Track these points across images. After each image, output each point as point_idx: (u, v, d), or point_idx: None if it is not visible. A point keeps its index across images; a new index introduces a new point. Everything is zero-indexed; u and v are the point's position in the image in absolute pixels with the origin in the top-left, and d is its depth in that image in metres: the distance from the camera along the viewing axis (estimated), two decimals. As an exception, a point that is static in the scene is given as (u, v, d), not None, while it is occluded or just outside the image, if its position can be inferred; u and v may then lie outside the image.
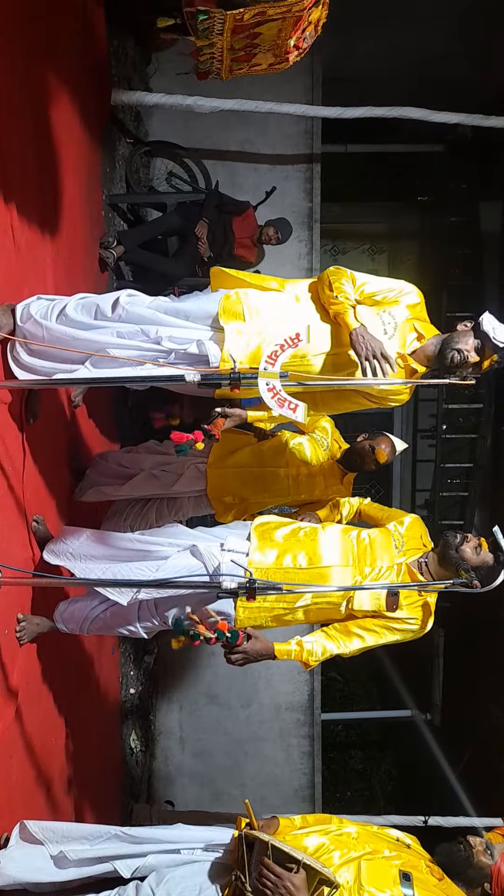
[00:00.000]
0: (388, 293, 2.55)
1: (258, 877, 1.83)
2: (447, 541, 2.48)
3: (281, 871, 1.81)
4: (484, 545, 2.46)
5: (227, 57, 2.53)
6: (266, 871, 1.82)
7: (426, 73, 6.12)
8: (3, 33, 2.56)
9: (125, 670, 4.70)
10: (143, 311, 2.53)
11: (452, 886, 2.01)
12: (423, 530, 2.70)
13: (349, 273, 2.52)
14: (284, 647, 2.44)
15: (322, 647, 2.47)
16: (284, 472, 3.27)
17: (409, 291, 2.58)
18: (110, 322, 2.54)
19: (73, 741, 3.24)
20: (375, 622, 2.48)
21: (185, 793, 5.58)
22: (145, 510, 3.35)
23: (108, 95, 4.45)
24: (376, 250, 8.07)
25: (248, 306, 2.51)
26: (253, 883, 1.86)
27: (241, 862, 1.94)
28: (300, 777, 5.76)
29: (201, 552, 2.46)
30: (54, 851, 2.25)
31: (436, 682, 7.29)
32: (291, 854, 1.82)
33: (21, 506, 2.69)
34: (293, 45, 2.34)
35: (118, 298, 2.54)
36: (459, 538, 2.47)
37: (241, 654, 2.35)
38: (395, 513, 2.92)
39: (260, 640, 2.36)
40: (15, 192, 2.62)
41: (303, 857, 1.83)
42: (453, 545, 2.45)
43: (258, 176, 5.47)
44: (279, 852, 1.83)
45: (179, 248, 4.70)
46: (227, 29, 2.32)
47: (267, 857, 1.84)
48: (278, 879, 1.80)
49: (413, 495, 7.40)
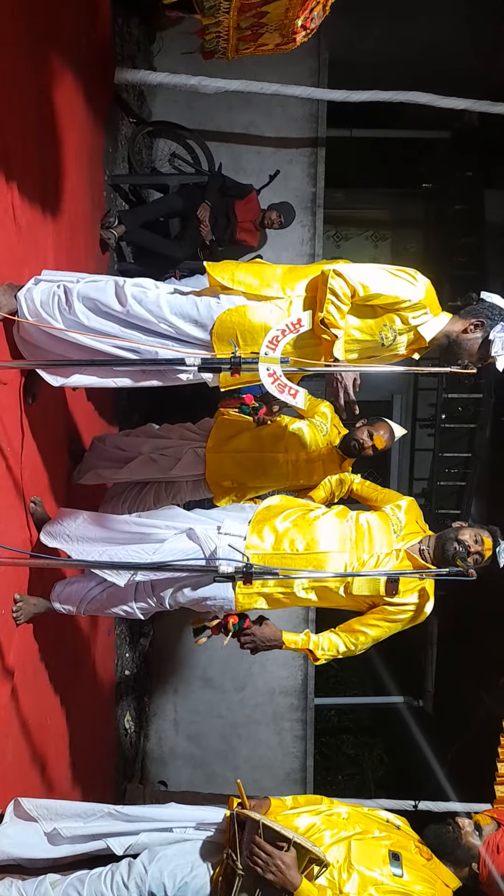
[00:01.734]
0: (394, 303, 2.42)
1: (249, 854, 1.86)
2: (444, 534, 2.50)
3: (272, 849, 1.83)
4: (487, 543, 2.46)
5: (234, 36, 2.49)
6: (257, 848, 1.84)
7: (433, 58, 6.05)
8: (7, 12, 2.52)
9: (121, 652, 4.72)
10: (147, 316, 2.46)
11: (441, 866, 2.05)
12: (418, 513, 2.70)
13: (352, 282, 2.33)
14: (292, 637, 2.46)
15: (329, 641, 2.50)
16: (283, 457, 3.28)
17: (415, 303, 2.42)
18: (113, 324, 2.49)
19: (68, 721, 3.27)
20: (376, 616, 2.50)
21: (179, 774, 5.64)
22: (143, 493, 3.36)
23: (112, 74, 4.40)
24: (379, 237, 8.02)
25: (242, 332, 2.42)
26: (244, 861, 1.89)
27: (232, 841, 1.96)
28: (292, 760, 5.81)
29: (198, 535, 2.47)
30: (48, 828, 2.27)
31: (429, 670, 7.35)
32: (282, 833, 1.85)
33: (19, 487, 2.69)
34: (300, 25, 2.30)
35: (123, 288, 2.48)
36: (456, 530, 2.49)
37: (249, 637, 2.36)
38: (390, 494, 2.92)
39: (269, 627, 2.39)
40: (16, 171, 2.60)
41: (293, 836, 1.85)
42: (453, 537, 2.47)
43: (262, 159, 5.42)
44: (270, 831, 1.86)
45: (181, 231, 4.67)
46: (234, 7, 2.28)
47: (258, 835, 1.86)
48: (269, 857, 1.83)
49: (411, 484, 7.42)
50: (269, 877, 1.83)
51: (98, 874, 2.10)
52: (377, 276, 2.40)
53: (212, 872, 2.02)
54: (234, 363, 2.19)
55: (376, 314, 2.46)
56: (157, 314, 2.46)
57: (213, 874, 2.02)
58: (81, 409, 3.64)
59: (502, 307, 2.52)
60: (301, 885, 1.83)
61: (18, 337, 2.56)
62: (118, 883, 2.06)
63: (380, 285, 2.37)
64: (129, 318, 2.48)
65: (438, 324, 2.50)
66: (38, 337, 2.53)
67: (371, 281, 2.37)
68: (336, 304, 2.32)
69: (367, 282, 2.36)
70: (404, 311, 2.44)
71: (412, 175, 7.60)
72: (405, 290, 2.41)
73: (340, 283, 2.32)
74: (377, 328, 2.46)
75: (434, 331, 2.50)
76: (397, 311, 2.44)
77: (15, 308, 2.52)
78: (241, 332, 2.42)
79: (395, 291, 2.40)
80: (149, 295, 2.49)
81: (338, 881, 1.92)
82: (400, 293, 2.40)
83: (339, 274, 2.33)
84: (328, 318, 2.32)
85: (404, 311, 2.43)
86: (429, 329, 2.49)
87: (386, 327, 2.46)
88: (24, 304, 2.50)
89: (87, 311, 2.48)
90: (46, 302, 2.49)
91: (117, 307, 2.47)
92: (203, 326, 2.47)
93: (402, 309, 2.43)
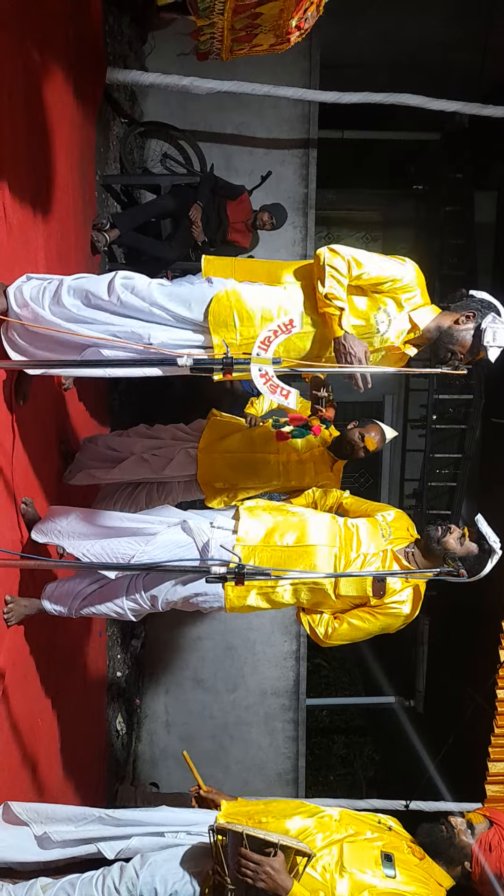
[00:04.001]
0: (385, 283, 2.46)
1: (237, 867, 1.85)
2: (429, 535, 2.50)
3: (259, 857, 1.82)
4: (467, 534, 2.48)
5: (228, 37, 2.48)
6: (244, 860, 1.83)
7: (424, 60, 6.08)
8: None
9: (112, 654, 4.71)
10: (139, 304, 2.45)
11: (434, 866, 2.05)
12: (408, 522, 2.72)
13: (346, 257, 2.40)
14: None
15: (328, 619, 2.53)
16: (275, 458, 3.28)
17: (406, 283, 2.48)
18: (105, 313, 2.47)
19: (60, 723, 3.25)
20: (363, 612, 2.51)
21: (170, 776, 5.63)
22: (135, 494, 3.35)
23: (103, 74, 4.39)
24: (371, 238, 8.04)
25: (239, 312, 2.43)
26: (232, 874, 1.88)
27: (217, 856, 1.93)
28: (284, 761, 5.82)
29: (191, 528, 2.47)
30: (38, 832, 2.26)
31: (419, 670, 7.37)
32: (266, 839, 1.83)
33: (10, 488, 2.67)
34: (294, 26, 2.30)
35: (112, 280, 2.47)
36: (441, 530, 2.49)
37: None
38: (379, 505, 2.93)
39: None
40: (6, 171, 2.58)
41: (279, 839, 1.84)
42: (435, 538, 2.48)
43: (254, 160, 5.42)
44: (254, 840, 1.84)
45: (173, 232, 4.66)
46: (229, 8, 2.27)
47: (243, 846, 1.84)
48: (258, 866, 1.82)
49: (402, 484, 7.44)
50: (261, 885, 1.81)
51: (89, 878, 2.09)
52: (368, 255, 2.46)
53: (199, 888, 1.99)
54: (225, 363, 2.19)
55: (370, 297, 2.50)
56: (150, 300, 2.45)
57: (200, 891, 1.99)
58: (72, 409, 3.62)
59: (492, 301, 2.53)
60: (293, 888, 1.83)
61: (7, 338, 2.54)
62: (109, 887, 2.05)
63: (371, 263, 2.44)
64: (121, 308, 2.46)
65: (430, 313, 2.53)
66: (24, 332, 2.50)
67: (363, 258, 2.43)
68: (336, 278, 2.38)
69: (360, 258, 2.42)
70: (397, 293, 2.48)
71: (403, 176, 7.63)
72: (396, 270, 2.47)
73: (337, 258, 2.38)
74: (372, 310, 2.49)
75: (426, 319, 2.52)
76: (389, 293, 2.48)
77: (5, 307, 2.51)
78: (238, 314, 2.43)
79: (387, 271, 2.45)
80: (139, 283, 2.49)
81: (330, 884, 1.92)
82: (391, 272, 2.46)
83: (334, 250, 2.40)
84: (331, 292, 2.37)
85: (397, 291, 2.48)
86: (422, 316, 2.51)
87: (380, 310, 2.49)
88: (12, 298, 2.49)
89: (78, 303, 2.47)
90: (36, 296, 2.48)
91: (108, 297, 2.45)
92: (197, 307, 2.46)
93: (394, 290, 2.47)
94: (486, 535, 2.41)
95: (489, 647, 4.01)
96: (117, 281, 2.47)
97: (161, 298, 2.45)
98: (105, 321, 2.46)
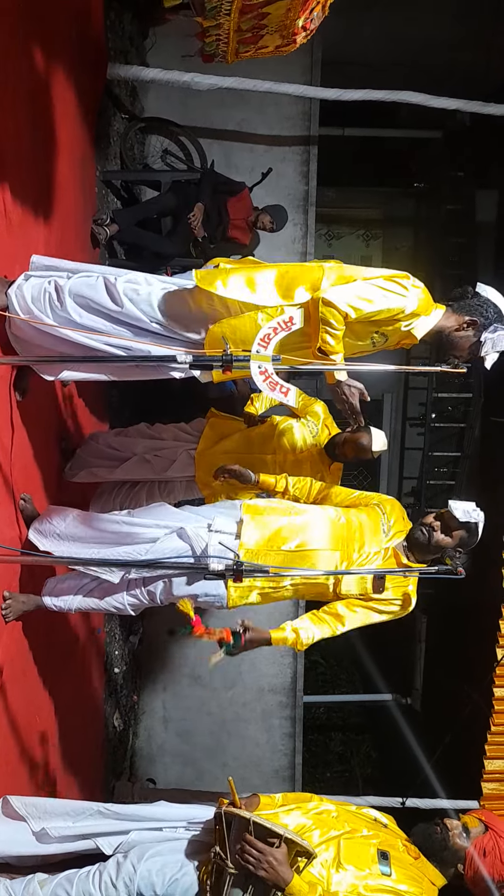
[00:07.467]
0: (387, 315, 2.42)
1: (240, 852, 1.86)
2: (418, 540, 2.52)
3: (263, 846, 1.84)
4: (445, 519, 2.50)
5: (234, 39, 2.45)
6: (248, 846, 1.85)
7: (425, 58, 6.06)
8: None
9: (110, 650, 4.71)
10: (140, 315, 2.46)
11: (428, 865, 2.07)
12: (402, 511, 2.74)
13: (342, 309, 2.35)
14: (279, 635, 2.45)
15: (313, 635, 2.50)
16: (272, 458, 3.28)
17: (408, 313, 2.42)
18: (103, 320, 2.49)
19: (57, 719, 3.26)
20: (360, 604, 2.52)
21: (168, 772, 5.64)
22: (136, 491, 3.36)
23: (104, 70, 4.38)
24: (371, 236, 8.03)
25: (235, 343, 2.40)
26: (234, 859, 1.89)
27: (220, 839, 1.96)
28: (281, 758, 5.83)
29: (189, 535, 2.47)
30: (36, 827, 2.27)
31: (417, 668, 7.38)
32: (273, 829, 1.85)
33: (9, 483, 2.67)
34: (301, 26, 2.28)
35: (115, 286, 2.47)
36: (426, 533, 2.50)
37: None
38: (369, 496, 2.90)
39: (256, 631, 2.38)
40: (7, 166, 2.58)
41: (284, 832, 1.86)
42: (425, 541, 2.49)
43: (254, 157, 5.41)
44: (261, 828, 1.86)
45: (173, 228, 4.65)
46: (235, 9, 2.25)
47: (248, 832, 1.86)
48: (261, 854, 1.83)
49: (400, 483, 7.44)
50: (262, 873, 1.83)
51: (87, 873, 2.10)
52: (367, 294, 2.39)
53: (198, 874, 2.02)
54: (225, 361, 2.19)
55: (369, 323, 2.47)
56: (150, 314, 2.47)
57: (200, 873, 2.02)
58: (72, 405, 3.62)
59: (497, 304, 2.52)
60: (292, 881, 1.84)
61: (10, 333, 2.55)
62: (106, 882, 2.05)
63: (370, 306, 2.38)
64: (121, 316, 2.48)
65: (431, 320, 2.51)
66: (30, 332, 2.51)
67: (361, 303, 2.38)
68: (331, 333, 2.37)
69: (358, 304, 2.37)
70: (397, 322, 2.45)
71: (404, 174, 7.61)
72: (396, 303, 2.41)
73: (332, 312, 2.35)
74: (368, 335, 2.50)
75: (426, 328, 2.51)
76: (389, 322, 2.45)
77: (5, 304, 2.51)
78: (233, 343, 2.39)
79: (386, 306, 2.40)
80: (141, 293, 2.49)
81: (327, 879, 1.93)
82: (391, 307, 2.41)
83: (330, 303, 2.35)
84: (326, 348, 2.38)
85: (397, 322, 2.45)
86: (420, 327, 2.50)
87: (377, 334, 2.50)
88: (14, 300, 2.49)
89: (79, 308, 2.48)
90: (37, 298, 2.48)
91: (110, 305, 2.47)
92: (196, 331, 2.47)
93: (393, 320, 2.44)
94: (466, 513, 2.43)
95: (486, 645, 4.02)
96: (120, 287, 2.47)
97: (160, 315, 2.48)
98: (104, 329, 2.48)
